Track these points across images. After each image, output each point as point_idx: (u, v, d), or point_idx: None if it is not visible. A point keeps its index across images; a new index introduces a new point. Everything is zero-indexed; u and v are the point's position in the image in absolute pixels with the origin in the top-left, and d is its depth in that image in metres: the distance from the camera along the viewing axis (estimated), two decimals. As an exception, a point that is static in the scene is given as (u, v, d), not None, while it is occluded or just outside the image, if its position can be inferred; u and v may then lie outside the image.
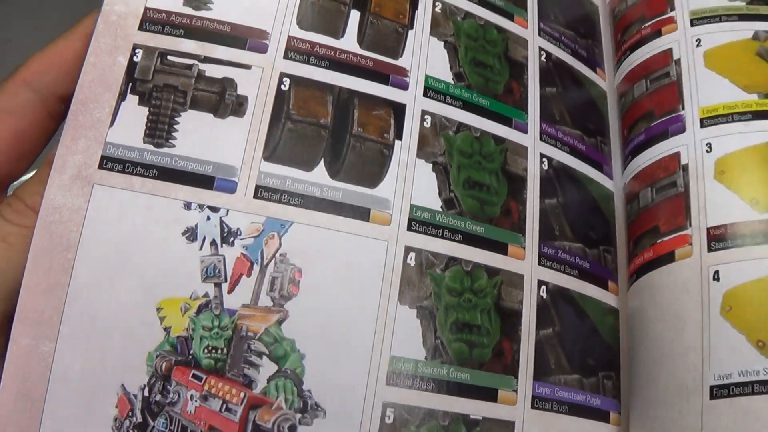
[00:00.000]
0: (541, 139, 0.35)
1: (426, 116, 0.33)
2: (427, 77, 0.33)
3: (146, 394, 0.27)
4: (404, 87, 0.33)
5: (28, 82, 0.30)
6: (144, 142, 0.29)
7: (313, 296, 0.29)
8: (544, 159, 0.35)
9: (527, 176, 0.34)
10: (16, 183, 0.31)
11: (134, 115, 0.29)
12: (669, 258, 0.34)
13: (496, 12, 0.37)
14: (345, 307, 0.29)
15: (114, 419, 0.27)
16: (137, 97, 0.29)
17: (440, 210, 0.32)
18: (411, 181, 0.32)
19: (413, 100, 0.33)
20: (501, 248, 0.32)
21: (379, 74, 0.33)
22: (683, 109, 0.36)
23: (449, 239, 0.32)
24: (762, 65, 0.36)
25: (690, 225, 0.34)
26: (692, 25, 0.38)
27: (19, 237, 0.27)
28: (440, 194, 0.32)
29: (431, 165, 0.32)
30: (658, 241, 0.35)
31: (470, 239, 0.32)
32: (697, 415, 0.30)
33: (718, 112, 0.35)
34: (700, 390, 0.30)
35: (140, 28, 0.30)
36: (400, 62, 0.33)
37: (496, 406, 0.30)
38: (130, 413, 0.27)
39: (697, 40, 0.38)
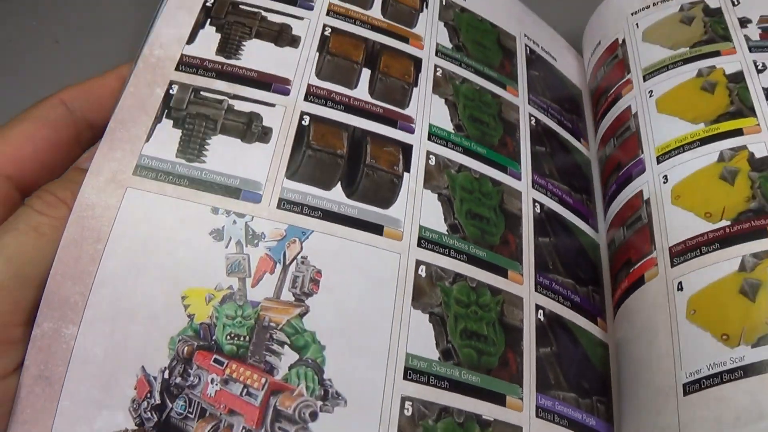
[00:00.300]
0: (533, 187, 0.39)
1: (431, 156, 0.36)
2: (431, 126, 0.37)
3: (166, 376, 0.27)
4: (411, 131, 0.37)
5: (65, 102, 0.32)
6: (176, 157, 0.32)
7: (332, 295, 0.31)
8: (536, 204, 0.38)
9: (522, 215, 0.37)
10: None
11: (168, 134, 0.32)
12: (640, 282, 0.37)
13: (490, 81, 0.42)
14: (362, 306, 0.31)
15: (132, 400, 0.27)
16: (172, 121, 0.32)
17: (446, 233, 0.34)
18: (419, 206, 0.34)
19: (419, 142, 0.36)
20: (502, 272, 0.35)
21: (389, 119, 0.36)
22: (642, 152, 0.40)
23: (455, 258, 0.34)
24: (706, 96, 0.40)
25: (654, 249, 0.37)
26: (644, 80, 0.43)
27: (50, 227, 0.28)
28: (446, 220, 0.35)
29: (437, 195, 0.35)
30: (630, 271, 0.37)
31: (474, 261, 0.34)
32: (674, 412, 0.31)
33: (671, 146, 0.39)
34: (675, 390, 0.32)
35: (177, 68, 0.34)
36: (407, 111, 0.37)
37: (506, 410, 0.31)
38: (149, 395, 0.27)
39: (649, 92, 0.43)
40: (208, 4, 0.36)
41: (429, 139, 0.37)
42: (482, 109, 0.40)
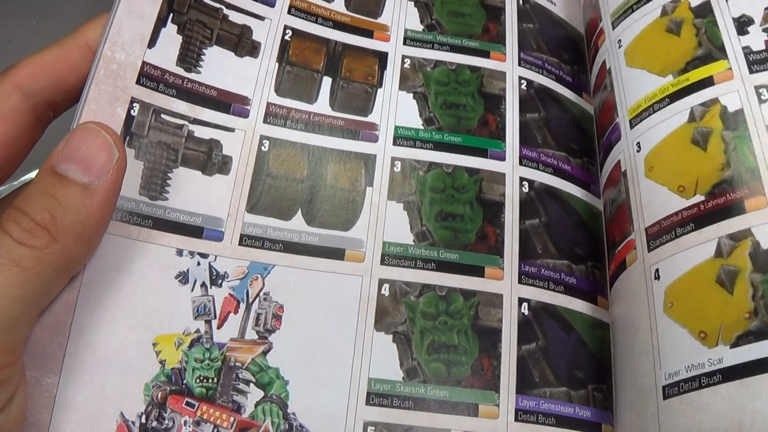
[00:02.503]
0: (520, 163, 0.37)
1: (396, 162, 0.36)
2: (396, 128, 0.37)
3: (143, 421, 0.30)
4: (374, 140, 0.36)
5: (21, 87, 0.30)
6: (140, 194, 0.33)
7: (294, 329, 0.32)
8: (524, 182, 0.37)
9: (505, 201, 0.36)
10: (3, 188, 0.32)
11: (131, 167, 0.32)
12: (623, 266, 0.35)
13: (470, 53, 0.40)
14: (324, 336, 0.32)
15: (115, 446, 0.30)
16: (134, 150, 0.33)
17: (413, 243, 0.34)
18: (383, 221, 0.34)
19: (383, 150, 0.36)
20: (477, 271, 0.34)
21: (350, 131, 0.36)
22: (618, 116, 0.37)
23: (422, 269, 0.34)
24: (672, 40, 0.36)
25: (633, 230, 0.34)
26: (613, 27, 0.40)
27: (34, 260, 0.26)
28: (412, 229, 0.35)
29: (402, 204, 0.35)
30: (615, 252, 0.36)
31: (444, 266, 0.34)
32: (654, 416, 0.30)
33: (641, 107, 0.36)
34: (655, 391, 0.30)
35: (138, 82, 0.34)
36: (370, 118, 0.37)
37: (478, 420, 0.31)
38: (130, 440, 0.30)
39: (618, 42, 0.39)
40: None
41: (394, 143, 0.36)
42: (458, 91, 0.39)
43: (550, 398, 0.33)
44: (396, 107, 0.37)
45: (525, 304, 0.34)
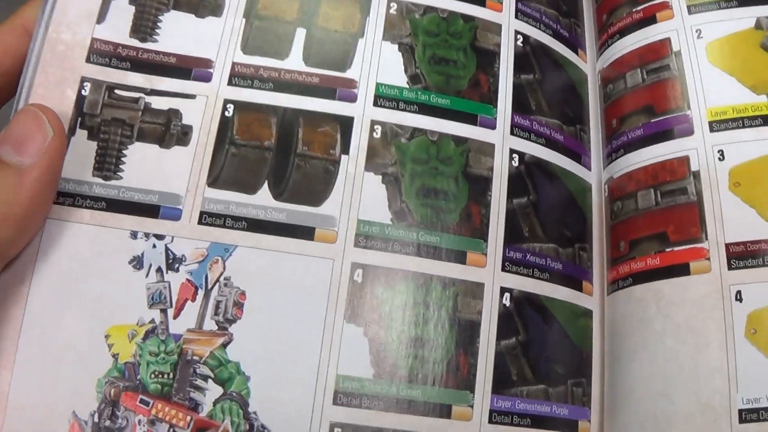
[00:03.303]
0: (512, 133, 0.34)
1: (376, 126, 0.32)
2: (378, 85, 0.33)
3: (96, 420, 0.28)
4: (352, 99, 0.32)
5: None
6: (93, 176, 0.30)
7: (257, 318, 0.29)
8: (514, 155, 0.33)
9: (492, 176, 0.33)
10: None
11: (84, 149, 0.30)
12: (683, 270, 0.32)
13: (464, 0, 0.35)
14: (290, 327, 0.29)
15: (67, 446, 0.28)
16: (86, 131, 0.31)
17: (390, 223, 0.31)
18: (359, 195, 0.31)
19: (362, 112, 0.32)
20: (459, 257, 0.31)
21: (325, 89, 0.32)
22: (689, 108, 0.34)
23: (400, 252, 0.31)
24: (765, 58, 0.34)
25: (706, 238, 0.32)
26: (690, 12, 0.36)
27: None
28: (390, 206, 0.31)
29: (381, 177, 0.32)
30: (666, 250, 0.33)
31: (425, 250, 0.31)
32: None
33: (728, 115, 0.33)
34: (728, 413, 0.29)
35: (88, 60, 0.31)
36: (348, 74, 0.33)
37: (450, 422, 0.29)
38: (82, 440, 0.28)
39: (697, 31, 0.35)
40: None
41: (375, 104, 0.32)
42: (449, 44, 0.34)
43: (527, 398, 0.31)
44: (378, 61, 0.33)
45: (507, 295, 0.31)
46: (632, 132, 0.36)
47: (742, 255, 0.31)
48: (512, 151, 0.34)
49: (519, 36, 0.36)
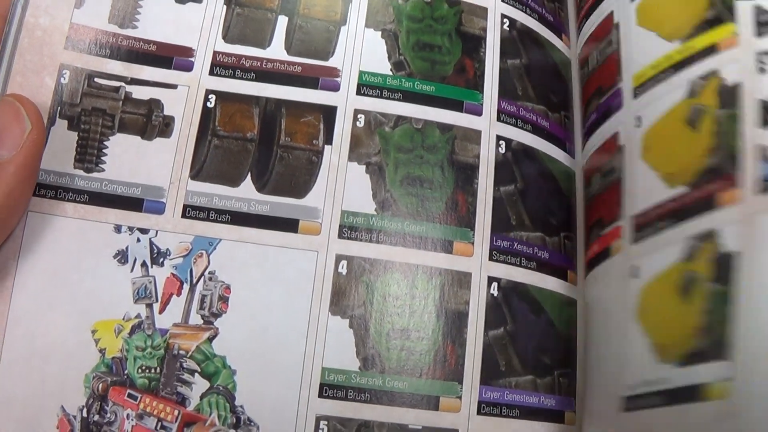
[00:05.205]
0: (498, 119, 0.33)
1: (359, 115, 0.32)
2: (361, 73, 0.32)
3: (85, 414, 0.28)
4: (335, 88, 0.32)
5: None
6: (74, 168, 0.30)
7: (242, 312, 0.29)
8: (501, 142, 0.33)
9: (479, 164, 0.32)
10: None
11: (64, 140, 0.30)
12: (606, 253, 0.31)
13: None
14: (275, 320, 0.29)
15: (55, 441, 0.28)
16: (66, 121, 0.30)
17: (374, 213, 0.31)
18: (342, 186, 0.31)
19: (345, 101, 0.32)
20: (445, 247, 0.31)
21: (308, 79, 0.32)
22: (622, 80, 0.33)
23: (385, 243, 0.31)
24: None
25: (622, 215, 0.31)
26: None
27: None
28: (374, 196, 0.31)
29: (365, 167, 0.31)
30: (601, 234, 0.32)
31: (410, 240, 0.31)
32: (612, 426, 0.29)
33: (647, 75, 0.31)
34: (617, 401, 0.29)
35: (66, 47, 0.31)
36: (331, 62, 0.32)
37: (438, 414, 0.30)
38: (71, 434, 0.28)
39: None
40: None
41: (358, 92, 0.32)
42: (434, 29, 0.34)
43: (516, 388, 0.31)
44: (361, 48, 0.33)
45: (495, 284, 0.31)
46: (591, 116, 0.35)
47: (644, 224, 0.29)
48: (499, 138, 0.33)
49: (505, 20, 0.35)
